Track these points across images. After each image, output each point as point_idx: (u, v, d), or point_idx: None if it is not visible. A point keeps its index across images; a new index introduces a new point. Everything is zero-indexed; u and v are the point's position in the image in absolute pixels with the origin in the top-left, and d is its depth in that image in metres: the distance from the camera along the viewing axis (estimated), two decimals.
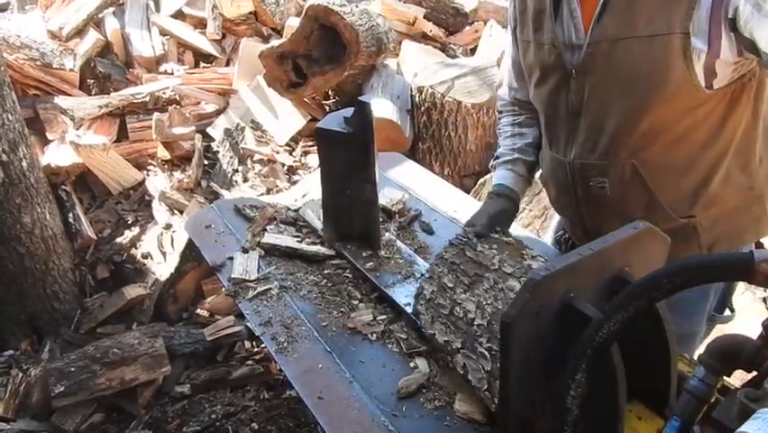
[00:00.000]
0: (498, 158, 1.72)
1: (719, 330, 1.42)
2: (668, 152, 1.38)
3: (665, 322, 1.03)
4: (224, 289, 1.95)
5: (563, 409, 0.89)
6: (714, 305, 1.59)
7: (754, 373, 0.86)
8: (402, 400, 1.34)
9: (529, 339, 1.02)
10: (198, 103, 3.86)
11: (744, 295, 2.43)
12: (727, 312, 1.62)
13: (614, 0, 1.30)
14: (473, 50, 4.52)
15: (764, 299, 2.41)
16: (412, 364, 1.44)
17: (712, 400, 0.93)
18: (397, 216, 2.00)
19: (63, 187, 3.08)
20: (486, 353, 1.23)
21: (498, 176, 1.68)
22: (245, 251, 1.82)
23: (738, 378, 1.08)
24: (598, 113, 1.40)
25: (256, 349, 2.76)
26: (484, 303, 1.27)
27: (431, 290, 1.44)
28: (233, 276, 1.72)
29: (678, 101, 1.30)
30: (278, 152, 3.60)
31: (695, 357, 1.68)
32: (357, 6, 3.66)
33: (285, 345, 1.50)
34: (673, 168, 1.40)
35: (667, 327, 1.03)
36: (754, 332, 0.89)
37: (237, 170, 3.47)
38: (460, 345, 1.30)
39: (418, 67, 3.75)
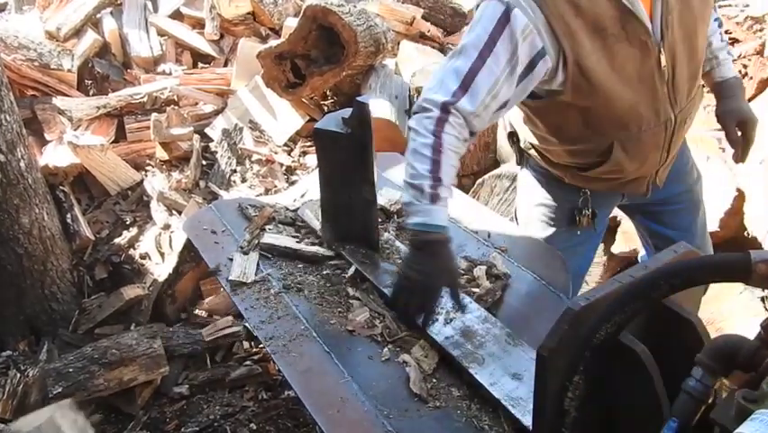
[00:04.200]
0: (440, 185, 1.49)
1: None
2: None
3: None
4: (222, 289, 1.95)
5: (561, 411, 0.89)
6: None
7: (752, 373, 0.86)
8: (402, 399, 1.34)
9: (566, 371, 0.93)
10: (196, 103, 3.86)
11: (742, 294, 2.43)
12: None
13: None
14: None
15: (762, 299, 2.41)
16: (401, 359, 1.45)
17: (710, 400, 0.93)
18: (395, 216, 2.00)
19: (61, 187, 3.07)
20: None
21: (442, 216, 1.51)
22: (244, 251, 1.82)
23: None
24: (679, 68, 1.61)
25: (255, 349, 2.76)
26: None
27: None
28: (231, 277, 1.72)
29: None
30: (276, 153, 3.60)
31: None
32: (355, 6, 3.66)
33: (283, 345, 1.50)
34: None
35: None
36: (751, 332, 0.89)
37: (235, 171, 3.46)
38: None
39: (416, 67, 3.74)
